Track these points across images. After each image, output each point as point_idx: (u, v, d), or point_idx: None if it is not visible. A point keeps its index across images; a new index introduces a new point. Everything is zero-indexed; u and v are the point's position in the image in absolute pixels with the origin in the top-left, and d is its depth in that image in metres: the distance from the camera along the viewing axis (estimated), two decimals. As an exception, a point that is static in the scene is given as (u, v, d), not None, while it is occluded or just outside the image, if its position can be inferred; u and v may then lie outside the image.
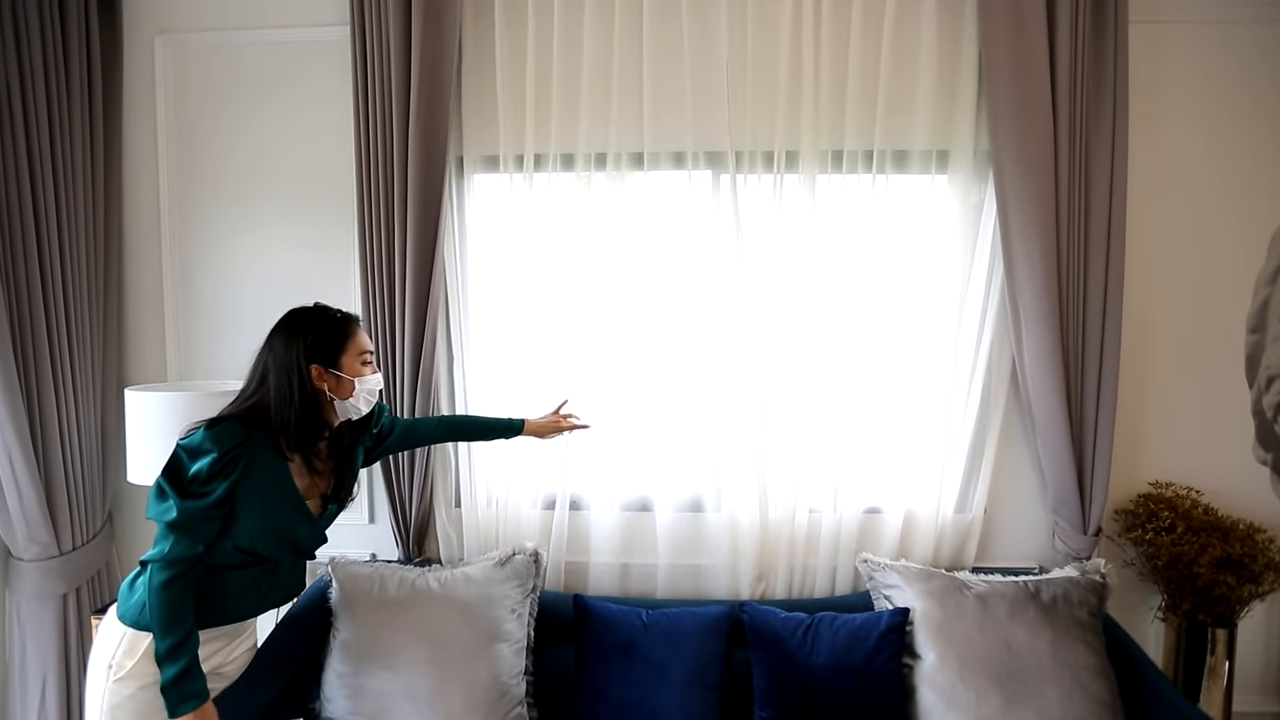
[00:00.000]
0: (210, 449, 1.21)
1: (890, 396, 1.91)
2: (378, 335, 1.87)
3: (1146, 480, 1.91)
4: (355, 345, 1.37)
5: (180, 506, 1.20)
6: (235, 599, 1.35)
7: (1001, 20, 1.72)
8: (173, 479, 1.22)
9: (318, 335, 1.33)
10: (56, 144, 1.78)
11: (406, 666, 1.55)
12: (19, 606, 1.78)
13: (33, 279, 1.72)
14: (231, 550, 1.29)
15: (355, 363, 1.36)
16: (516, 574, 1.71)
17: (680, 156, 1.92)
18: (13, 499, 1.71)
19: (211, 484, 1.22)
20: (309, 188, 2.01)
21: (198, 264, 2.05)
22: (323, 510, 1.44)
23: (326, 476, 1.44)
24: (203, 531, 1.23)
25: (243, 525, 1.28)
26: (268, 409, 1.29)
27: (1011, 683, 1.48)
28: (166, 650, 1.18)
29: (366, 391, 1.38)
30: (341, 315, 1.38)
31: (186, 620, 1.21)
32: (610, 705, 1.58)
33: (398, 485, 1.91)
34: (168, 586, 1.19)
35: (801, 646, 1.59)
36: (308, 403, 1.31)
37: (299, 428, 1.30)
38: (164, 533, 1.21)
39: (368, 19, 1.81)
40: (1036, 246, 1.73)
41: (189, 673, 1.20)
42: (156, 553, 1.21)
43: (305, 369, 1.30)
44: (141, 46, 2.00)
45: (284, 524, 1.33)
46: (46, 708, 1.78)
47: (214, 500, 1.22)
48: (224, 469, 1.22)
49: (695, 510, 2.01)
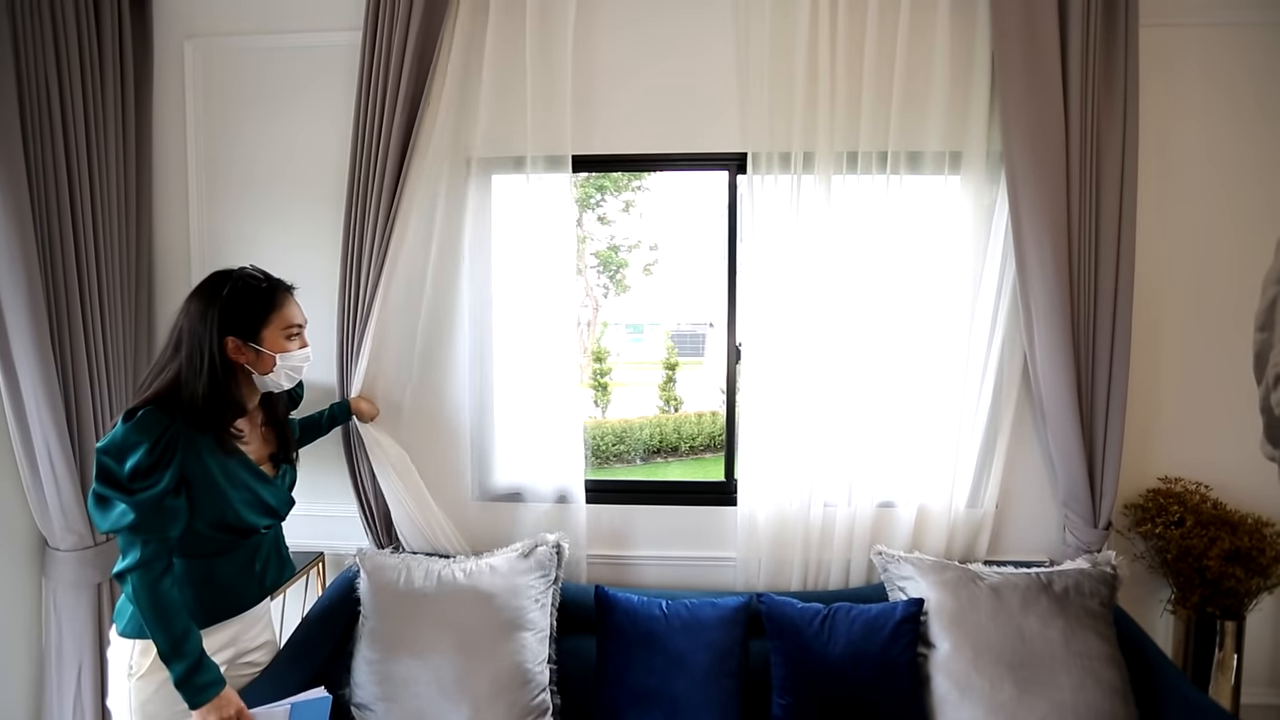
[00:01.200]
0: (138, 440, 1.14)
1: (904, 393, 1.94)
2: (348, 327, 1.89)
3: (1156, 475, 1.94)
4: (281, 317, 1.29)
5: (132, 504, 1.13)
6: (235, 586, 1.36)
7: (1013, 24, 1.75)
8: (109, 482, 1.14)
9: (237, 305, 1.24)
10: (93, 146, 1.82)
11: (434, 654, 1.60)
12: (55, 594, 1.83)
13: (70, 275, 1.76)
14: (210, 531, 1.27)
15: (279, 336, 1.29)
16: (539, 565, 1.76)
17: (695, 157, 1.97)
18: (51, 491, 1.76)
19: (156, 473, 1.15)
20: (331, 189, 2.05)
21: (224, 264, 2.05)
22: (276, 471, 1.42)
23: (265, 438, 1.41)
24: (165, 523, 1.17)
25: (210, 505, 1.25)
26: (180, 384, 1.21)
27: (1024, 671, 1.52)
28: (168, 650, 1.18)
29: (289, 368, 1.31)
30: (268, 284, 1.29)
31: (180, 618, 1.19)
32: (632, 693, 1.62)
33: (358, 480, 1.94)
34: (152, 589, 1.16)
35: (818, 636, 1.63)
36: (216, 378, 1.22)
37: (206, 404, 1.21)
38: (128, 540, 1.16)
39: (380, 19, 1.84)
40: (1048, 246, 1.77)
41: (197, 667, 1.19)
42: (128, 562, 1.16)
43: (218, 341, 1.22)
44: (171, 50, 2.05)
45: (247, 490, 1.31)
46: (82, 692, 1.83)
47: (165, 488, 1.16)
48: (161, 457, 1.16)
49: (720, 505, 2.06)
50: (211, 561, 1.32)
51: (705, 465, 7.23)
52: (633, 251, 8.85)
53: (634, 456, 7.12)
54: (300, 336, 1.35)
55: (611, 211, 8.65)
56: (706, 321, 10.33)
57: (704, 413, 7.57)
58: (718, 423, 7.53)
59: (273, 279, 1.34)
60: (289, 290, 1.36)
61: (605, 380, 7.67)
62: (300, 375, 1.38)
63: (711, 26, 1.93)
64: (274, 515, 1.43)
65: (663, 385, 8.00)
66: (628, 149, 1.98)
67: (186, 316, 1.25)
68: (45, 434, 1.72)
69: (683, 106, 1.95)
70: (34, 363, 1.68)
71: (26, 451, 1.74)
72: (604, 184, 8.06)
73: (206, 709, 1.20)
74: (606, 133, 1.97)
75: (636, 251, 8.80)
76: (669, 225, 8.82)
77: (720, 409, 7.83)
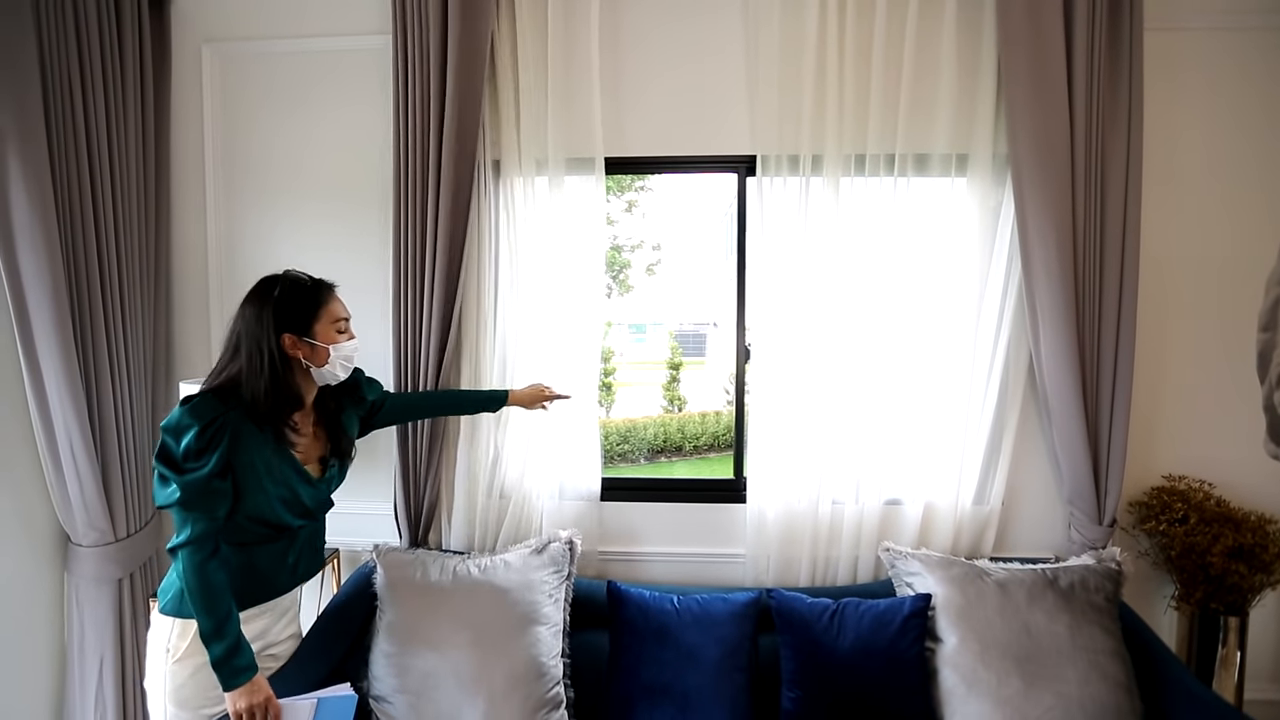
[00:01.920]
0: (190, 423, 1.23)
1: (911, 391, 1.97)
2: (407, 333, 1.93)
3: (1160, 474, 1.97)
4: (329, 313, 1.38)
5: (181, 483, 1.22)
6: (269, 574, 1.41)
7: (1020, 28, 1.78)
8: (166, 461, 1.24)
9: (288, 303, 1.33)
10: (114, 148, 1.86)
11: (450, 647, 1.63)
12: (78, 589, 1.86)
13: (92, 275, 1.80)
14: (247, 523, 1.33)
15: (330, 330, 1.37)
16: (553, 561, 1.79)
17: (705, 160, 2.01)
18: (74, 487, 1.79)
19: (204, 456, 1.23)
20: (345, 191, 2.09)
21: (240, 264, 2.13)
22: (323, 473, 1.48)
23: (320, 440, 1.47)
24: (211, 503, 1.25)
25: (249, 496, 1.31)
26: (240, 382, 1.30)
27: (1031, 665, 1.55)
28: (211, 630, 1.23)
29: (342, 358, 1.39)
30: (313, 282, 1.39)
31: (225, 599, 1.25)
32: (645, 686, 1.65)
33: (414, 473, 1.96)
34: (200, 568, 1.23)
35: (828, 630, 1.66)
36: (277, 374, 1.31)
37: (269, 399, 1.30)
38: (180, 517, 1.24)
39: (410, 26, 1.88)
40: (1053, 247, 1.79)
41: (235, 650, 1.25)
42: (181, 538, 1.24)
43: (275, 339, 1.31)
44: (189, 54, 2.09)
45: (287, 489, 1.37)
46: (104, 685, 1.87)
47: (211, 471, 1.23)
48: (210, 441, 1.24)
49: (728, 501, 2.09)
50: (250, 550, 1.37)
51: (710, 465, 7.26)
52: (635, 252, 8.87)
53: (638, 456, 7.16)
54: (348, 330, 1.43)
55: (615, 211, 8.68)
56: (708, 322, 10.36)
57: (707, 412, 7.60)
58: (721, 422, 7.55)
59: (316, 279, 1.41)
60: (331, 288, 1.43)
61: (609, 380, 7.70)
62: (352, 365, 1.44)
63: (721, 31, 1.97)
64: (309, 517, 1.47)
65: (667, 385, 8.04)
66: (640, 152, 2.02)
67: (242, 320, 1.33)
68: (69, 431, 1.75)
69: (693, 110, 1.99)
70: (58, 362, 1.71)
71: (50, 449, 1.77)
72: (607, 184, 8.09)
73: (239, 692, 1.24)
74: (620, 136, 2.00)
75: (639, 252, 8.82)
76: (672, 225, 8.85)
77: (724, 409, 7.85)
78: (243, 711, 1.24)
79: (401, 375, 1.95)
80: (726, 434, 7.60)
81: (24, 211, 1.64)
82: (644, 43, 1.98)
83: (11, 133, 1.62)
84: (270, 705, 1.26)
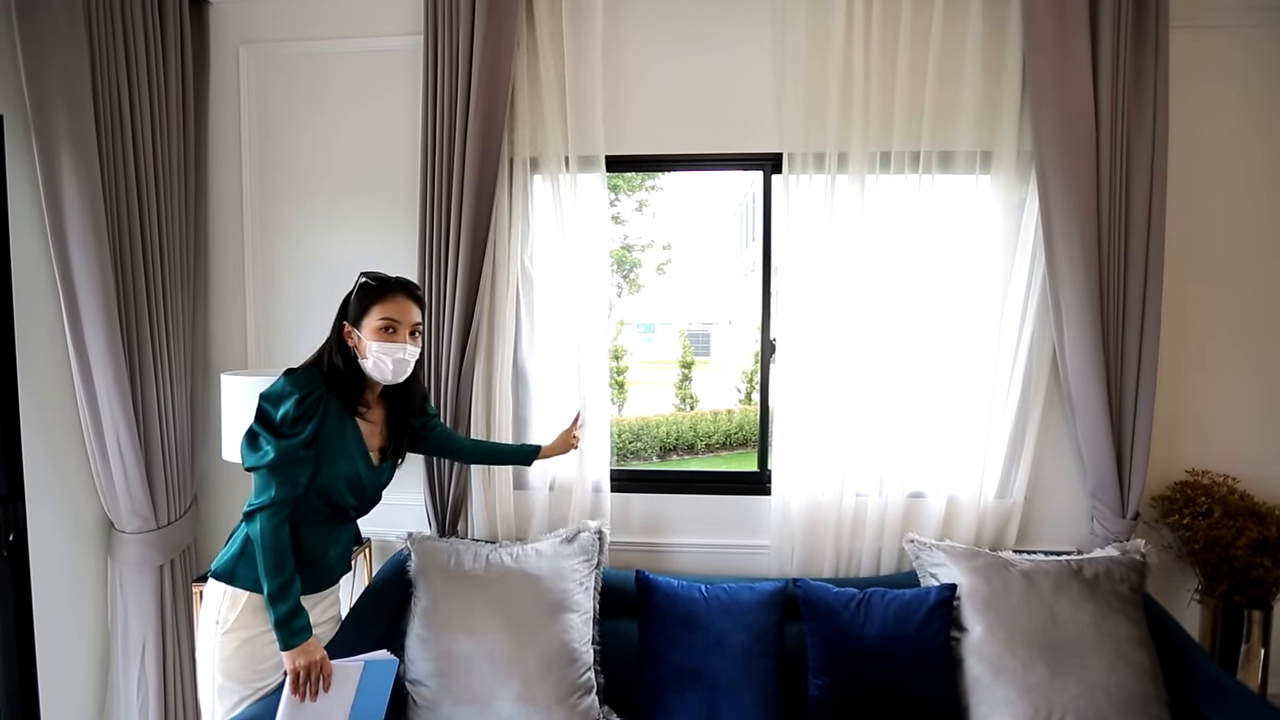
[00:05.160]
0: (292, 391, 1.34)
1: (934, 385, 1.99)
2: (430, 330, 1.97)
3: (1184, 468, 1.99)
4: (378, 311, 1.44)
5: (277, 447, 1.31)
6: (313, 561, 1.45)
7: (1045, 25, 1.80)
8: (265, 424, 1.34)
9: (353, 298, 1.47)
10: (158, 146, 1.91)
11: (484, 632, 1.67)
12: (121, 575, 1.92)
13: (137, 271, 1.86)
14: (314, 498, 1.40)
15: (376, 327, 1.43)
16: (583, 549, 1.83)
17: (730, 158, 2.04)
18: (119, 475, 1.85)
19: (300, 424, 1.34)
20: (377, 190, 2.13)
21: (275, 260, 2.18)
22: (380, 461, 1.55)
23: (381, 431, 1.55)
24: (298, 472, 1.34)
25: (325, 467, 1.40)
26: (322, 356, 1.46)
27: (1056, 653, 1.57)
28: (277, 589, 1.30)
29: (377, 355, 1.43)
30: (376, 283, 1.46)
31: (290, 563, 1.33)
32: (674, 671, 1.68)
33: (435, 466, 2.01)
34: (276, 531, 1.31)
35: (854, 619, 1.68)
36: (341, 355, 1.45)
37: (335, 375, 1.43)
38: (264, 480, 1.32)
39: (440, 27, 1.93)
40: (1078, 243, 1.81)
41: (295, 612, 1.32)
42: (263, 500, 1.31)
43: (339, 326, 1.47)
44: (227, 55, 2.14)
45: (353, 467, 1.45)
46: (146, 668, 1.92)
47: (304, 439, 1.33)
48: (308, 410, 1.35)
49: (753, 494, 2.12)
50: (301, 532, 1.42)
51: (723, 463, 7.27)
52: (645, 251, 8.90)
53: (650, 454, 7.19)
54: (397, 331, 1.45)
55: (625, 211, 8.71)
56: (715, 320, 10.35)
57: (719, 411, 7.62)
58: (733, 420, 7.57)
59: (388, 280, 1.47)
60: (398, 291, 1.47)
61: (622, 379, 7.74)
62: (391, 367, 1.45)
63: (748, 29, 2.00)
64: (362, 501, 1.53)
65: (678, 384, 8.07)
66: (665, 149, 2.05)
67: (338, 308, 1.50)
68: (115, 422, 1.81)
69: (720, 108, 2.02)
70: (105, 355, 1.77)
71: (97, 439, 1.83)
72: (617, 184, 8.12)
73: (296, 651, 1.30)
74: (645, 133, 2.04)
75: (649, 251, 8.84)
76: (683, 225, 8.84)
77: (735, 407, 7.88)
78: (300, 669, 1.30)
79: (424, 370, 1.98)
80: (739, 432, 7.62)
81: (75, 209, 1.70)
82: (669, 40, 2.02)
83: (64, 133, 1.67)
84: (324, 665, 1.33)
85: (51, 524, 1.82)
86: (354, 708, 1.37)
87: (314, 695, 1.31)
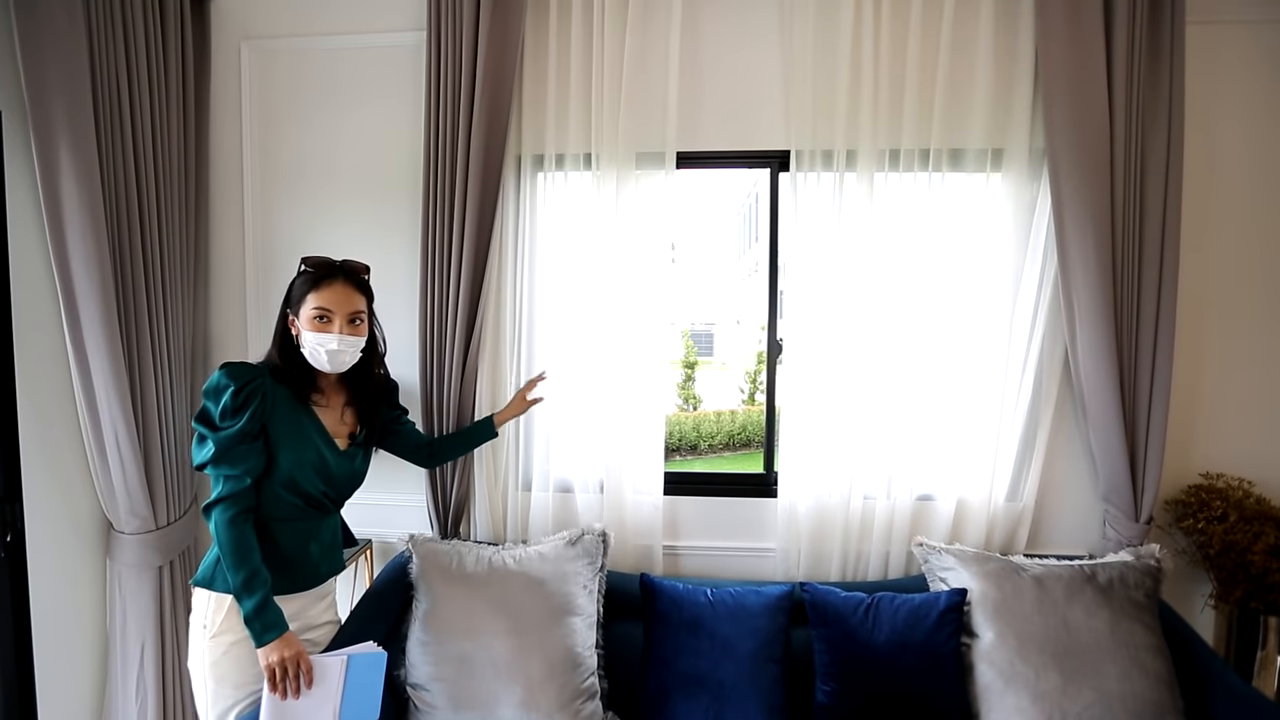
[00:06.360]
0: (228, 384, 1.33)
1: (943, 387, 1.96)
2: (432, 327, 1.95)
3: (1197, 472, 1.95)
4: (312, 299, 1.42)
5: (215, 439, 1.32)
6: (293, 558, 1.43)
7: (1058, 20, 1.77)
8: (204, 421, 1.34)
9: (293, 285, 1.46)
10: (158, 142, 1.89)
11: (487, 636, 1.64)
12: (120, 576, 1.90)
13: (136, 268, 1.83)
14: (280, 490, 1.39)
15: (307, 316, 1.42)
16: (586, 552, 1.80)
17: (738, 155, 2.01)
18: (117, 475, 1.83)
19: (238, 414, 1.33)
20: (379, 188, 2.11)
21: (276, 258, 2.16)
22: (350, 447, 1.53)
23: (347, 417, 1.54)
24: (242, 460, 1.33)
25: (283, 458, 1.39)
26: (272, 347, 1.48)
27: (1069, 660, 1.54)
28: (240, 584, 1.29)
29: (312, 345, 1.42)
30: (310, 271, 1.45)
31: (252, 556, 1.31)
32: (680, 677, 1.65)
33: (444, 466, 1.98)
34: (230, 525, 1.30)
35: (863, 624, 1.66)
36: (284, 344, 1.46)
37: (282, 362, 1.44)
38: (214, 475, 1.33)
39: (444, 23, 1.90)
40: (1091, 242, 1.78)
41: (264, 606, 1.29)
42: (214, 495, 1.33)
43: (282, 314, 1.47)
44: (228, 51, 2.12)
45: (316, 454, 1.43)
46: (144, 669, 1.90)
47: (242, 429, 1.32)
48: (245, 400, 1.33)
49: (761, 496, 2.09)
50: (276, 528, 1.41)
51: (727, 464, 7.24)
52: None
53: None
54: (332, 321, 1.42)
55: (629, 210, 8.66)
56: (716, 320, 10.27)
57: (723, 411, 7.59)
58: (737, 421, 7.54)
59: (325, 267, 1.45)
60: (335, 278, 1.43)
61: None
62: (325, 357, 1.43)
63: (756, 27, 1.97)
64: (335, 487, 1.49)
65: (682, 384, 8.04)
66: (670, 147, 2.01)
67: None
68: (114, 422, 1.79)
69: (726, 105, 1.99)
70: (104, 353, 1.74)
71: (96, 439, 1.80)
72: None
73: (271, 646, 1.28)
74: (652, 131, 2.00)
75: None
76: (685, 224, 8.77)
77: (739, 408, 7.85)
78: (275, 664, 1.27)
79: (427, 368, 1.97)
80: (742, 433, 7.59)
81: (74, 206, 1.68)
82: (676, 36, 1.98)
83: (63, 130, 1.65)
84: (301, 660, 1.29)
85: (50, 524, 1.80)
86: (343, 706, 1.31)
87: (295, 692, 1.28)
